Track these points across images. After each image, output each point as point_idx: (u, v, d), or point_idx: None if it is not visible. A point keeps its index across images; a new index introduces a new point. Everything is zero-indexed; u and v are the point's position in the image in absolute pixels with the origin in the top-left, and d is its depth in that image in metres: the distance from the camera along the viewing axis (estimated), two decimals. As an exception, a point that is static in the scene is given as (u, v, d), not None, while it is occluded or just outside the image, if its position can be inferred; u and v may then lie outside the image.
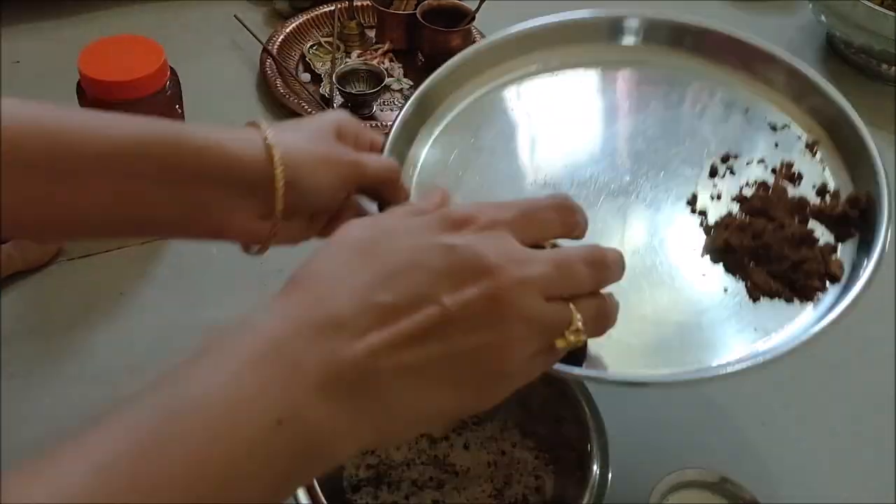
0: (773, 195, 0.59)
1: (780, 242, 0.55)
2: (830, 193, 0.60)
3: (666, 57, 0.70)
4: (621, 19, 0.70)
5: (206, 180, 0.46)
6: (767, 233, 0.56)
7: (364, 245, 0.39)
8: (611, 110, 0.68)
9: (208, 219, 0.49)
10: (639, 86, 0.69)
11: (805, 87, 0.65)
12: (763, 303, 0.54)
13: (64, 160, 0.43)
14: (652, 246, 0.57)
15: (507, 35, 0.70)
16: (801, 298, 0.54)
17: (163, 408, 0.32)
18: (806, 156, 0.63)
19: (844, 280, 0.54)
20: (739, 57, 0.69)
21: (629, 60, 0.70)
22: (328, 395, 0.34)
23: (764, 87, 0.67)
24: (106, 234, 0.47)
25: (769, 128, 0.65)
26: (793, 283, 0.54)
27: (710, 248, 0.57)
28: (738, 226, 0.57)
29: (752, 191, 0.60)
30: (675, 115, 0.66)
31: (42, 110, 0.44)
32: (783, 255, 0.54)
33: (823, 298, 0.53)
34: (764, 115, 0.66)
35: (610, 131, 0.66)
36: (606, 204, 0.60)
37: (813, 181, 0.61)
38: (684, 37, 0.70)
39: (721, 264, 0.56)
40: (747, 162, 0.62)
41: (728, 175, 0.62)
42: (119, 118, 0.46)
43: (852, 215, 0.57)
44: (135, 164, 0.45)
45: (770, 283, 0.54)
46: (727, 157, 0.63)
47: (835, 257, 0.55)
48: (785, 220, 0.57)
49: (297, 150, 0.49)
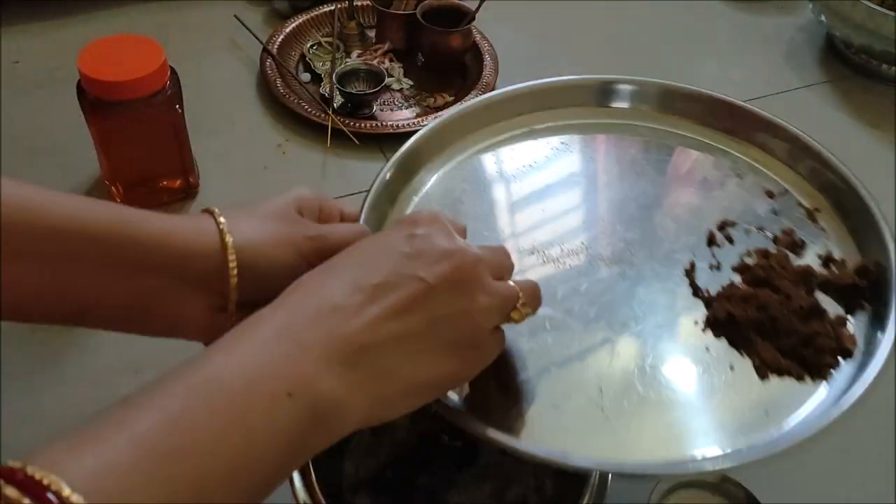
0: (776, 264, 0.55)
1: (787, 315, 0.51)
2: (837, 263, 0.57)
3: (656, 121, 0.69)
4: (611, 83, 0.71)
5: (152, 271, 0.45)
6: (774, 304, 0.52)
7: (348, 251, 0.45)
8: (599, 175, 0.65)
9: (159, 311, 0.48)
10: (628, 150, 0.67)
11: (802, 151, 0.64)
12: (773, 381, 0.50)
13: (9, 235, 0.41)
14: (653, 321, 0.54)
15: (493, 97, 0.69)
16: (814, 376, 0.50)
17: (188, 387, 0.36)
18: (807, 223, 0.60)
19: (859, 355, 0.51)
20: (731, 120, 0.67)
21: (618, 125, 0.69)
22: (331, 367, 0.38)
23: (759, 151, 0.66)
24: (44, 317, 0.45)
25: (766, 194, 0.62)
26: (804, 359, 0.50)
27: (712, 320, 0.53)
28: (741, 296, 0.53)
29: (754, 260, 0.57)
30: (666, 180, 0.64)
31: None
32: (792, 328, 0.51)
33: (836, 376, 0.50)
34: (760, 181, 0.63)
35: (601, 197, 0.63)
36: (601, 271, 0.57)
37: (817, 250, 0.58)
38: (674, 101, 0.69)
39: (724, 338, 0.52)
40: (746, 230, 0.59)
41: (726, 244, 0.59)
42: (66, 199, 0.44)
43: (862, 285, 0.54)
44: (76, 247, 0.43)
45: (780, 359, 0.50)
46: (724, 224, 0.60)
47: (846, 331, 0.52)
48: (791, 291, 0.53)
49: (253, 235, 0.47)
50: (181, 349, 0.74)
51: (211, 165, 0.89)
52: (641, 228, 0.60)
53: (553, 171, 0.66)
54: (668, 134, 0.68)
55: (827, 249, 0.58)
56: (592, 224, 0.61)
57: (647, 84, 0.70)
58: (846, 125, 1.06)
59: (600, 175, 0.65)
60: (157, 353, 0.73)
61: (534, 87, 0.70)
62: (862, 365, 0.50)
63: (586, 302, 0.54)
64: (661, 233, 0.60)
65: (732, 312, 0.52)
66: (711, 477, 0.61)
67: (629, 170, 0.65)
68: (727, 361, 0.51)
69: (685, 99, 0.69)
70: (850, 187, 0.60)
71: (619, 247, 0.58)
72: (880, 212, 0.58)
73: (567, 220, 0.62)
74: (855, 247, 0.59)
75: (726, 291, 0.55)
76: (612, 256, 0.58)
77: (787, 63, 1.15)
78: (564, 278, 0.56)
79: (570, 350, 0.52)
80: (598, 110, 0.70)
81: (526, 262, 0.58)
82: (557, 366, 0.51)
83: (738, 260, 0.57)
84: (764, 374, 0.50)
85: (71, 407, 0.67)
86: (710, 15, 1.23)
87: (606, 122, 0.69)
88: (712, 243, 0.59)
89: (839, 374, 0.50)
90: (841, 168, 0.61)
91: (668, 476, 0.53)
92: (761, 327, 0.52)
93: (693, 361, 0.51)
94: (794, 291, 0.53)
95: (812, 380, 0.50)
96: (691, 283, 0.56)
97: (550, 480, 0.61)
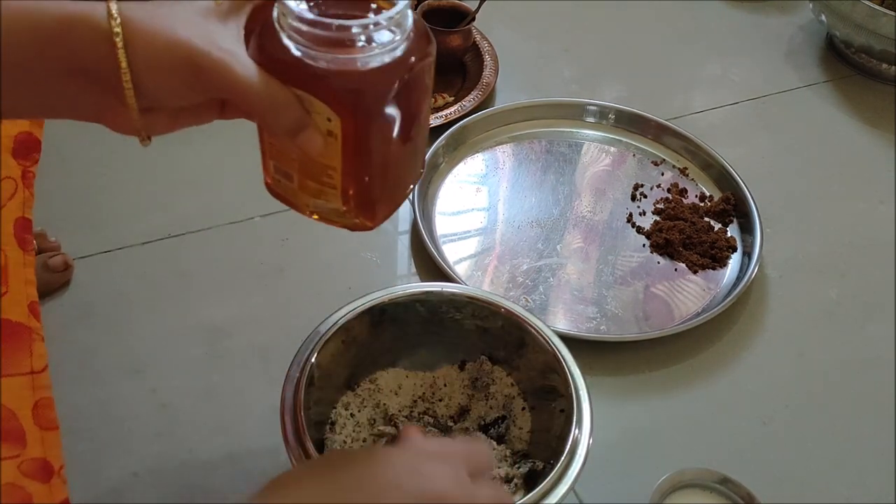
0: (677, 204, 0.91)
1: (697, 233, 0.88)
2: (708, 198, 0.93)
3: (602, 132, 1.01)
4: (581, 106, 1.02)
5: (53, 71, 0.41)
6: (686, 228, 0.88)
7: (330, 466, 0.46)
8: (552, 171, 0.96)
9: (77, 110, 0.44)
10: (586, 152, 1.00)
11: (666, 131, 0.99)
12: (699, 272, 0.85)
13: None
14: (615, 249, 0.88)
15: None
16: (720, 265, 0.86)
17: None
18: (683, 178, 0.96)
19: (740, 248, 0.88)
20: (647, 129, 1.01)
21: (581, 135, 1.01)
22: None
23: (642, 138, 1.01)
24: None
25: (652, 164, 0.97)
26: (713, 256, 0.86)
27: (654, 244, 0.88)
28: (666, 228, 0.88)
29: (663, 205, 0.91)
30: (604, 168, 0.98)
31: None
32: (700, 240, 0.87)
33: (730, 263, 0.86)
34: (647, 157, 0.98)
35: (563, 183, 0.95)
36: (578, 227, 0.89)
37: (695, 192, 0.94)
38: (621, 118, 1.01)
39: (665, 254, 0.87)
40: (651, 187, 0.94)
41: (642, 198, 0.93)
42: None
43: (728, 209, 0.91)
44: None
45: (699, 259, 0.86)
46: (637, 186, 0.94)
47: (730, 236, 0.88)
48: (692, 219, 0.90)
49: (145, 18, 0.41)
50: (181, 349, 0.74)
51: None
52: (596, 197, 0.94)
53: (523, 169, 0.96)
54: (605, 140, 1.01)
55: (700, 191, 0.94)
56: (563, 200, 0.93)
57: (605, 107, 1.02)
58: (846, 124, 1.06)
59: (551, 171, 0.97)
60: (157, 353, 0.74)
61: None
62: (744, 254, 0.87)
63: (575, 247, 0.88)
64: (610, 198, 0.94)
65: (666, 237, 0.87)
66: (711, 477, 0.61)
67: (581, 165, 0.98)
68: (672, 266, 0.86)
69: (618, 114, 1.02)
70: (704, 151, 0.96)
71: (587, 212, 0.92)
72: (726, 161, 0.94)
73: (542, 202, 0.92)
74: (716, 187, 0.94)
75: (656, 226, 0.89)
76: (580, 217, 0.91)
77: (787, 63, 1.15)
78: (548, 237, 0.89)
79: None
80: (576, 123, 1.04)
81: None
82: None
83: (653, 206, 0.92)
84: (694, 269, 0.85)
85: (71, 407, 0.67)
86: (711, 15, 1.24)
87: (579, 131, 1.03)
88: (634, 199, 0.93)
89: (732, 261, 0.87)
90: (694, 139, 0.97)
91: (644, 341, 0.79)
92: (684, 243, 0.87)
93: (649, 269, 0.86)
94: (694, 218, 0.90)
95: (720, 267, 0.86)
96: (633, 226, 0.90)
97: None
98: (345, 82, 0.41)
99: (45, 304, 0.75)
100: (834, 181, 0.98)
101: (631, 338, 0.78)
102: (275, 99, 0.42)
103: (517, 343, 0.64)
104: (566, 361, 0.61)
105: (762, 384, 0.76)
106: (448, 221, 0.87)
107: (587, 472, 0.55)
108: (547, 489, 0.54)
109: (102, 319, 0.75)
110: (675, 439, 0.71)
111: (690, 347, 0.78)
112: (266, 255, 0.81)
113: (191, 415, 0.69)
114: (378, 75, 0.41)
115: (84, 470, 0.64)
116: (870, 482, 0.69)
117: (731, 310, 0.80)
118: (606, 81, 1.10)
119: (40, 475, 0.54)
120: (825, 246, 0.90)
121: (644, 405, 0.73)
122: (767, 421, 0.73)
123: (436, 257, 0.80)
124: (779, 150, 1.02)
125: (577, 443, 0.56)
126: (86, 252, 0.79)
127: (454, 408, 0.66)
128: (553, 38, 1.16)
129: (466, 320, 0.66)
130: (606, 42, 1.16)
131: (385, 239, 0.85)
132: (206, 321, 0.75)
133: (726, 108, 1.07)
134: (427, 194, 0.89)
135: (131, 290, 0.78)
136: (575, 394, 0.59)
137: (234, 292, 0.78)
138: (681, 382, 0.75)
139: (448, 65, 1.06)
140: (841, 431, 0.73)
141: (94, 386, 0.70)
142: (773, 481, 0.68)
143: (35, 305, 0.60)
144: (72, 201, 0.84)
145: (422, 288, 0.65)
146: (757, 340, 0.80)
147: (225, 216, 0.84)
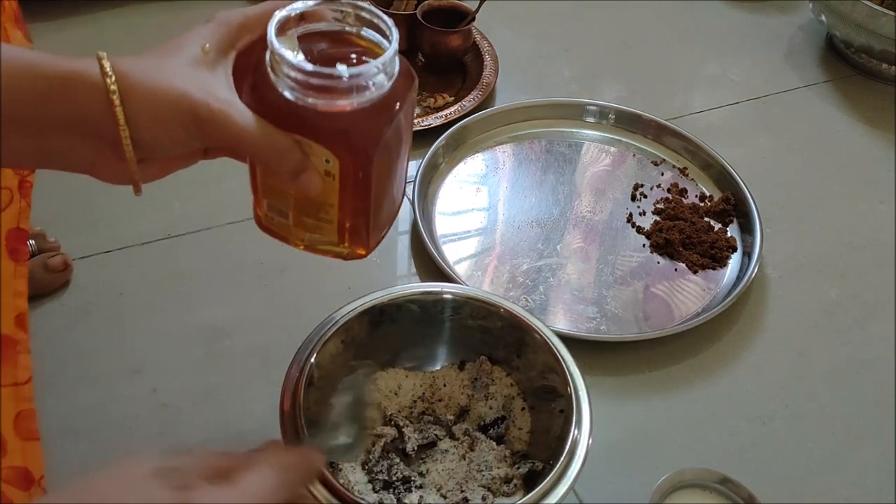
0: (677, 204, 0.91)
1: (697, 233, 0.88)
2: (708, 198, 0.93)
3: (601, 132, 1.01)
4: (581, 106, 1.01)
5: (49, 127, 0.42)
6: (686, 228, 0.88)
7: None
8: (552, 171, 0.96)
9: (68, 163, 0.44)
10: (588, 151, 0.99)
11: (664, 131, 0.99)
12: (699, 272, 0.85)
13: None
14: (615, 249, 0.87)
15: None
16: (720, 265, 0.86)
17: None
18: (683, 177, 0.95)
19: (740, 248, 0.88)
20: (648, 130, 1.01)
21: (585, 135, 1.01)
22: None
23: (642, 138, 1.00)
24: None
25: (652, 164, 0.97)
26: (713, 256, 0.86)
27: (654, 244, 0.87)
28: (666, 227, 0.88)
29: (663, 205, 0.91)
30: (604, 168, 0.97)
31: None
32: (700, 240, 0.87)
33: (730, 262, 0.86)
34: (646, 157, 0.98)
35: (563, 183, 0.94)
36: (578, 227, 0.89)
37: (695, 192, 0.94)
38: (622, 119, 1.01)
39: (665, 254, 0.87)
40: (650, 187, 0.94)
41: (642, 198, 0.93)
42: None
43: (728, 209, 0.90)
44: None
45: (699, 259, 0.86)
46: (637, 186, 0.93)
47: (730, 236, 0.88)
48: (692, 219, 0.89)
49: (141, 74, 0.41)
50: (181, 349, 0.74)
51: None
52: (596, 197, 0.93)
53: (524, 169, 0.95)
54: (607, 140, 1.01)
55: (700, 191, 0.94)
56: (564, 200, 0.92)
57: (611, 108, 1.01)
58: (846, 124, 1.06)
59: (550, 171, 0.96)
60: (157, 353, 0.74)
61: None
62: (744, 254, 0.87)
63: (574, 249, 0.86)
64: (609, 198, 0.93)
65: (666, 238, 0.87)
66: (711, 477, 0.61)
67: (582, 165, 0.97)
68: (672, 266, 0.86)
69: (625, 117, 1.01)
70: (704, 151, 0.96)
71: (586, 213, 0.91)
72: (726, 161, 0.94)
73: (542, 202, 0.92)
74: (716, 187, 0.94)
75: (656, 226, 0.89)
76: (581, 217, 0.90)
77: (787, 63, 1.15)
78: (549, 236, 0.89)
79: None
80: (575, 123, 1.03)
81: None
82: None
83: (653, 206, 0.91)
84: (694, 269, 0.85)
85: (71, 407, 0.67)
86: (711, 15, 1.24)
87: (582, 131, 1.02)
88: (634, 199, 0.92)
89: (732, 261, 0.87)
90: (694, 139, 0.97)
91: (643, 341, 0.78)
92: (684, 243, 0.87)
93: (649, 269, 0.86)
94: (694, 218, 0.90)
95: (720, 267, 0.86)
96: (633, 226, 0.89)
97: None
98: (343, 126, 0.42)
99: (45, 304, 0.75)
100: (834, 181, 0.98)
101: (631, 338, 0.77)
102: (275, 146, 0.43)
103: (517, 343, 0.64)
104: (566, 361, 0.61)
105: (762, 384, 0.76)
106: (448, 221, 0.87)
107: (587, 472, 0.55)
108: (547, 489, 0.54)
109: (102, 319, 0.75)
110: (675, 439, 0.71)
111: (690, 347, 0.78)
112: (266, 255, 0.81)
113: (191, 415, 0.69)
114: (373, 116, 0.42)
115: (84, 470, 0.64)
116: (870, 482, 0.69)
117: (731, 310, 0.80)
118: (606, 81, 1.10)
119: (21, 482, 0.55)
120: (825, 246, 0.90)
121: (644, 405, 0.73)
122: (767, 421, 0.73)
123: (436, 257, 0.80)
124: (779, 150, 1.02)
125: (576, 443, 0.56)
126: (85, 252, 0.79)
127: (454, 408, 0.66)
128: (553, 38, 1.16)
129: (466, 320, 0.65)
130: (606, 42, 1.16)
131: (385, 239, 0.85)
132: (205, 321, 0.75)
133: (726, 108, 1.07)
134: (427, 194, 0.89)
135: (131, 290, 0.78)
136: (574, 394, 0.59)
137: (234, 292, 0.78)
138: (681, 382, 0.75)
139: (448, 65, 1.06)
140: (841, 431, 0.73)
141: (95, 386, 0.70)
142: (773, 481, 0.68)
143: (23, 317, 0.60)
144: (72, 201, 0.84)
145: (422, 288, 0.65)
146: (757, 340, 0.80)
147: (225, 216, 0.84)
